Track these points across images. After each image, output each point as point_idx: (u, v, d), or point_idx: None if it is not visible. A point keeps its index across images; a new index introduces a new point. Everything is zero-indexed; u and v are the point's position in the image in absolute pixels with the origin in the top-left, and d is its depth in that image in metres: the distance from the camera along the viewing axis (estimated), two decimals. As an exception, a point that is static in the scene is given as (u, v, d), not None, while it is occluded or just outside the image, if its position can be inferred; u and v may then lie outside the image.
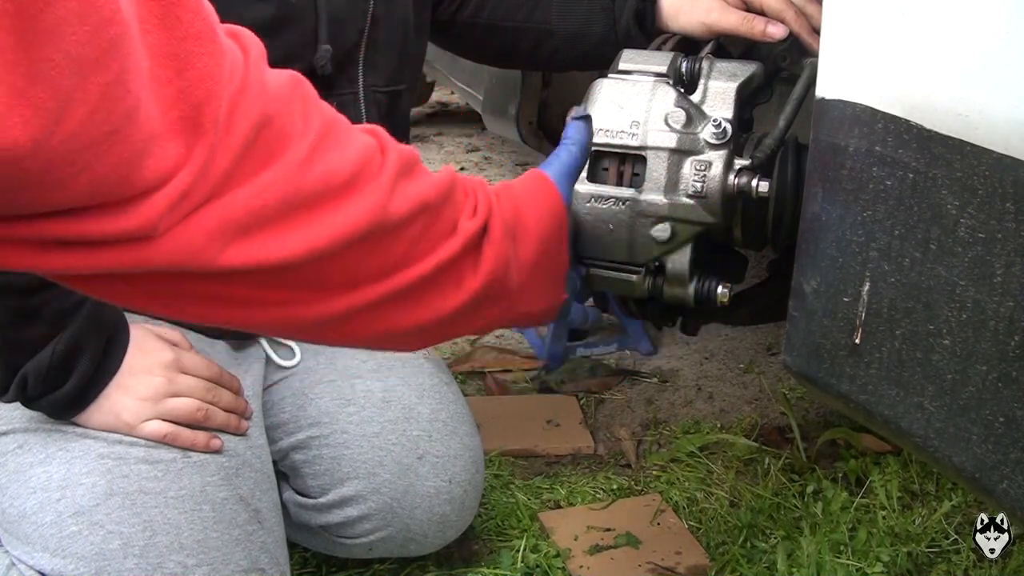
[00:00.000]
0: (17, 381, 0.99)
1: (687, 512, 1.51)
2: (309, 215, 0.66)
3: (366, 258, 0.71)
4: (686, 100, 1.01)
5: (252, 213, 0.62)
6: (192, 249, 0.60)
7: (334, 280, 0.70)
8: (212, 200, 0.59)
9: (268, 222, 0.63)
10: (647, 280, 1.05)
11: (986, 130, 0.69)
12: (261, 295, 0.67)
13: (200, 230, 0.60)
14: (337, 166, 0.68)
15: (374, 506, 1.24)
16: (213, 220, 0.60)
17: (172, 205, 0.56)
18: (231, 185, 0.60)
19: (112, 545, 1.00)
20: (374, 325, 0.75)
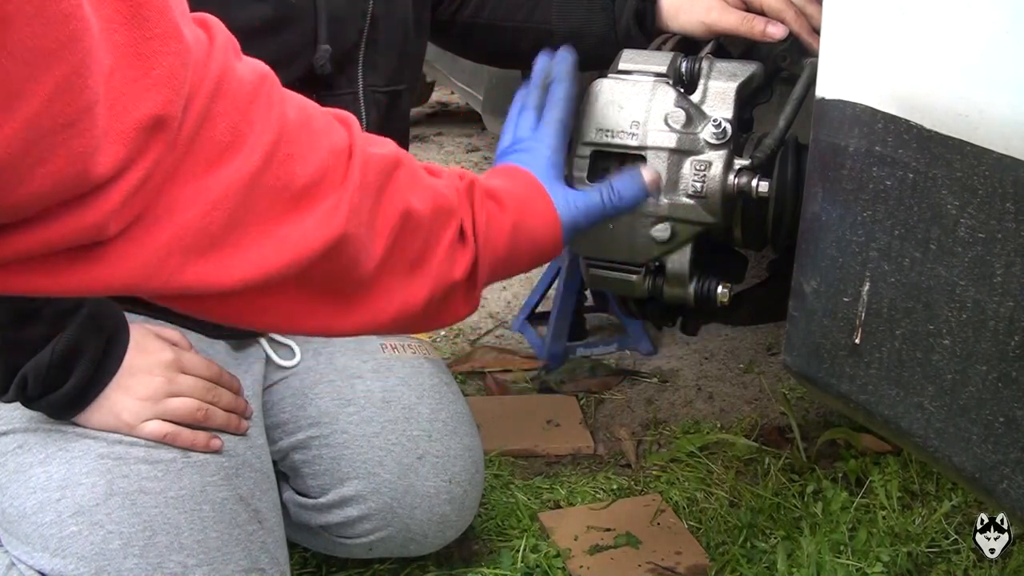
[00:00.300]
0: (17, 381, 0.99)
1: (687, 512, 1.51)
2: (262, 231, 0.65)
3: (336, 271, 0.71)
4: (686, 100, 1.01)
5: (203, 229, 0.61)
6: (146, 268, 0.60)
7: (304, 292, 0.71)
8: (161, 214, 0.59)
9: (220, 240, 0.63)
10: (647, 280, 1.05)
11: (986, 130, 0.69)
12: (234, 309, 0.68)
13: (152, 247, 0.59)
14: (292, 176, 0.66)
15: (374, 506, 1.24)
16: (164, 235, 0.60)
17: (124, 200, 0.56)
18: (179, 184, 0.59)
19: (112, 545, 1.00)
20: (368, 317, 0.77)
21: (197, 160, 0.60)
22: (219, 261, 0.64)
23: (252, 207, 0.64)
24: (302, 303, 0.72)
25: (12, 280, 0.56)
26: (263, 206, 0.65)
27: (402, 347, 1.36)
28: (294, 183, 0.67)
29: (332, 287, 0.73)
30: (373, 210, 0.73)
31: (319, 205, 0.68)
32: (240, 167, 0.63)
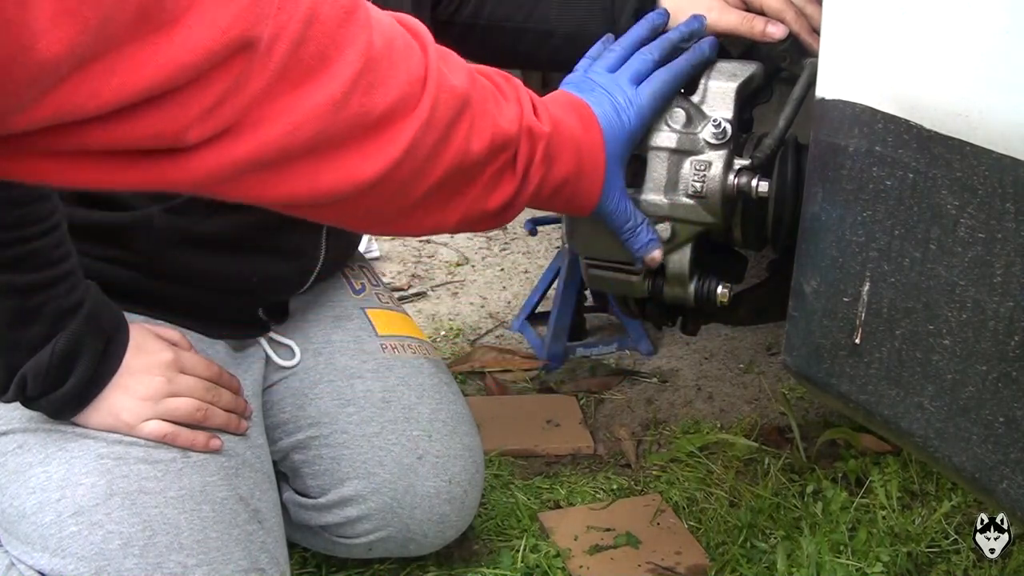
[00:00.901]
0: (17, 381, 0.99)
1: (687, 512, 1.51)
2: (336, 154, 0.67)
3: (380, 198, 0.73)
4: (686, 100, 1.01)
5: (283, 149, 0.63)
6: (219, 177, 0.62)
7: (343, 210, 0.74)
8: (245, 130, 0.61)
9: (296, 160, 0.65)
10: (647, 280, 1.05)
11: (986, 130, 0.69)
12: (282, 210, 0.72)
13: (230, 159, 0.61)
14: (373, 104, 0.68)
15: (374, 506, 1.24)
16: (244, 150, 0.61)
17: (204, 110, 0.58)
18: (263, 106, 0.61)
19: (112, 545, 1.00)
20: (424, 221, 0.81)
21: (286, 82, 0.62)
22: (289, 179, 0.66)
23: (333, 132, 0.66)
24: (340, 218, 0.77)
25: (86, 171, 0.58)
26: (342, 131, 0.66)
27: (402, 347, 1.36)
28: (373, 111, 0.68)
29: (371, 209, 0.75)
30: (433, 150, 0.74)
31: (387, 134, 0.70)
32: (326, 92, 0.64)
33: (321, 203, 0.70)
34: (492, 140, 0.80)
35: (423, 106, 0.71)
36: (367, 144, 0.69)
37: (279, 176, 0.66)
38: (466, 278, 2.49)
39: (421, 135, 0.72)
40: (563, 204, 0.92)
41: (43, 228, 0.96)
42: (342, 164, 0.68)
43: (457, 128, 0.76)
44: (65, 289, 0.99)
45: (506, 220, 0.88)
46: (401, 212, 0.77)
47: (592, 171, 0.92)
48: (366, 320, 1.37)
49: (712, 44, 1.05)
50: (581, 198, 0.92)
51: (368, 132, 0.68)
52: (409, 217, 0.79)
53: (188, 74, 0.56)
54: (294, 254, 1.23)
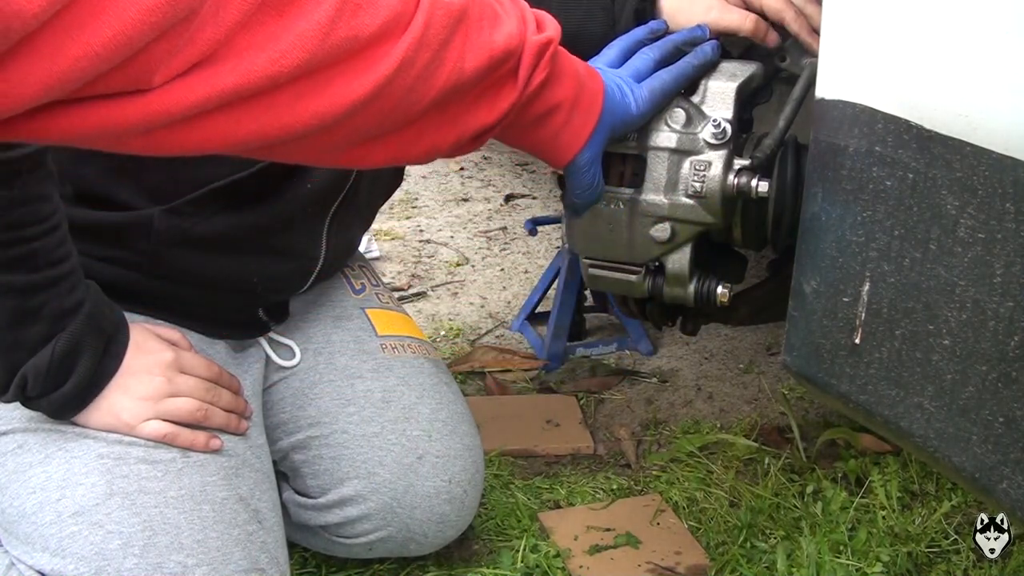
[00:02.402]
0: (17, 381, 0.99)
1: (687, 512, 1.51)
2: (325, 80, 0.64)
3: (370, 118, 0.70)
4: (686, 100, 1.01)
5: (267, 77, 0.60)
6: (189, 109, 0.58)
7: (336, 134, 0.70)
8: (226, 58, 0.58)
9: (284, 89, 0.62)
10: (647, 280, 1.05)
11: (986, 130, 0.69)
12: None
13: (209, 90, 0.58)
14: (361, 27, 0.65)
15: (374, 506, 1.24)
16: (225, 82, 0.58)
17: (170, 50, 0.55)
18: (246, 32, 0.58)
19: (112, 545, 1.00)
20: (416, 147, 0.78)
21: (265, 9, 0.59)
22: (269, 110, 0.63)
23: (320, 58, 0.63)
24: (331, 143, 0.72)
25: (47, 120, 0.54)
26: (329, 57, 0.63)
27: (402, 347, 1.36)
28: (362, 34, 0.65)
29: (361, 132, 0.72)
30: (427, 68, 0.71)
31: (376, 53, 0.67)
32: (313, 18, 0.61)
33: (304, 133, 0.66)
34: (490, 57, 0.77)
35: (416, 24, 0.68)
36: (355, 65, 0.66)
37: (257, 107, 0.62)
38: (466, 278, 2.49)
39: (413, 53, 0.69)
40: (547, 139, 0.88)
41: (44, 228, 0.96)
42: (329, 89, 0.65)
43: (451, 45, 0.73)
44: (66, 289, 0.99)
45: (500, 128, 0.84)
46: (393, 134, 0.74)
47: (587, 110, 0.89)
48: (366, 320, 1.37)
49: (715, 47, 1.05)
50: (568, 136, 0.89)
51: (357, 54, 0.65)
52: (405, 138, 0.75)
53: (156, 17, 0.53)
54: (294, 254, 1.23)
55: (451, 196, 3.12)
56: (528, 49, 0.81)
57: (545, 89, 0.84)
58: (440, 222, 2.90)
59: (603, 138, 0.93)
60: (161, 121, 0.58)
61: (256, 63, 0.59)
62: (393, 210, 2.94)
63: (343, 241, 1.31)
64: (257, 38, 0.59)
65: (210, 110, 0.59)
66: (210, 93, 0.58)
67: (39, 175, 0.96)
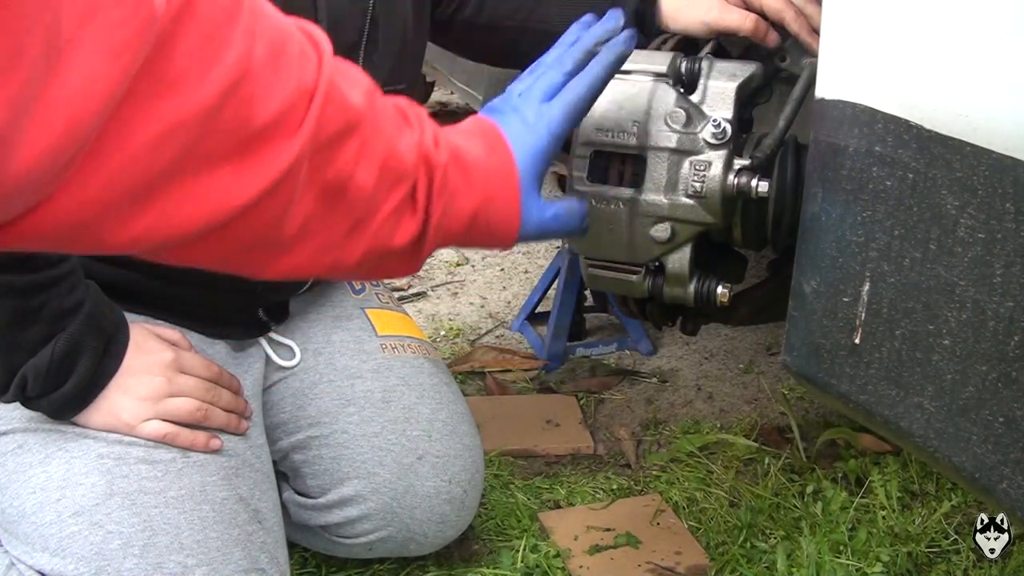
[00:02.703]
0: (17, 381, 0.99)
1: (687, 512, 1.51)
2: (208, 173, 0.59)
3: (255, 229, 0.65)
4: (686, 100, 1.01)
5: (144, 167, 0.54)
6: (81, 220, 0.53)
7: (220, 245, 0.65)
8: (97, 144, 0.51)
9: (159, 186, 0.56)
10: (647, 280, 1.05)
11: (986, 130, 0.69)
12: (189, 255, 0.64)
13: (88, 190, 0.52)
14: (250, 117, 0.60)
15: (374, 506, 1.24)
16: (98, 171, 0.52)
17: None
18: (120, 109, 0.51)
19: (112, 545, 1.00)
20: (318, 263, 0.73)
21: (149, 81, 0.52)
22: (150, 208, 0.57)
23: (204, 145, 0.57)
24: (216, 255, 0.67)
25: None
26: (214, 145, 0.58)
27: (402, 347, 1.36)
28: (252, 123, 0.60)
29: (248, 242, 0.67)
30: (312, 173, 0.67)
31: (266, 149, 0.62)
32: (198, 97, 0.55)
33: (187, 237, 0.60)
34: (383, 167, 0.73)
35: (309, 119, 0.64)
36: (244, 161, 0.60)
37: (139, 205, 0.56)
38: (466, 278, 2.49)
39: (305, 152, 0.64)
40: (483, 236, 0.85)
41: (43, 228, 0.96)
42: (214, 185, 0.59)
43: (343, 146, 0.69)
44: (65, 289, 0.99)
45: (419, 262, 0.82)
46: (284, 245, 0.69)
47: (504, 198, 0.85)
48: (366, 320, 1.37)
49: (629, 37, 0.93)
50: (499, 227, 0.86)
51: (245, 147, 0.60)
52: (297, 251, 0.70)
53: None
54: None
55: (451, 196, 3.12)
56: (423, 171, 0.77)
57: (451, 206, 0.80)
58: (440, 222, 2.89)
59: (535, 191, 0.88)
60: (53, 234, 0.53)
61: (133, 148, 0.53)
62: (393, 210, 2.94)
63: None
64: (137, 116, 0.53)
65: (99, 211, 0.54)
66: (95, 191, 0.53)
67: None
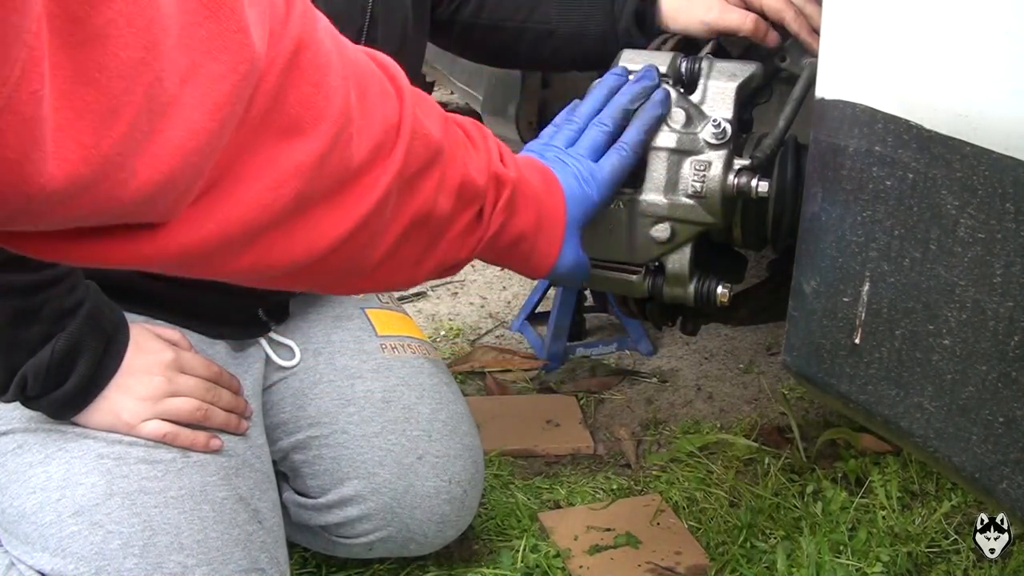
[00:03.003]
0: (17, 381, 0.99)
1: (687, 512, 1.51)
2: (314, 212, 0.63)
3: (342, 260, 0.68)
4: (686, 100, 1.01)
5: (265, 208, 0.58)
6: (199, 249, 0.56)
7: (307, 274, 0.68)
8: (225, 184, 0.55)
9: (275, 222, 0.60)
10: (647, 280, 1.05)
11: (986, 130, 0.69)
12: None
13: (212, 224, 0.56)
14: (351, 156, 0.63)
15: (374, 506, 1.24)
16: (226, 213, 0.56)
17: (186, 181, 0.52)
18: (243, 158, 0.55)
19: (112, 545, 1.00)
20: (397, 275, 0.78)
21: (268, 132, 0.57)
22: (264, 244, 0.60)
23: (314, 189, 0.61)
24: (309, 281, 0.71)
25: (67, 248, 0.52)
26: (322, 188, 0.62)
27: (402, 347, 1.36)
28: (352, 164, 0.64)
29: (338, 273, 0.71)
30: (398, 203, 0.70)
31: (362, 185, 0.65)
32: (311, 146, 0.59)
33: (286, 271, 0.64)
34: (460, 191, 0.77)
35: (396, 154, 0.68)
36: (342, 199, 0.64)
37: (256, 243, 0.60)
38: (466, 278, 2.49)
39: (393, 185, 0.68)
40: (520, 261, 0.91)
41: (43, 228, 0.96)
42: (315, 223, 0.63)
43: (427, 177, 0.72)
44: (65, 289, 0.99)
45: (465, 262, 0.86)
46: (368, 271, 0.73)
47: (551, 230, 0.90)
48: (366, 320, 1.37)
49: (663, 98, 0.99)
50: (538, 256, 0.91)
51: (342, 187, 0.64)
52: (379, 274, 0.74)
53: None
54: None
55: (451, 196, 3.12)
56: (491, 187, 0.82)
57: (507, 224, 0.85)
58: (440, 222, 2.89)
59: (576, 238, 0.93)
60: (177, 259, 0.56)
61: (254, 190, 0.57)
62: (393, 210, 2.94)
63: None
64: (258, 163, 0.57)
65: (211, 248, 0.57)
66: (216, 228, 0.56)
67: (39, 175, 0.96)
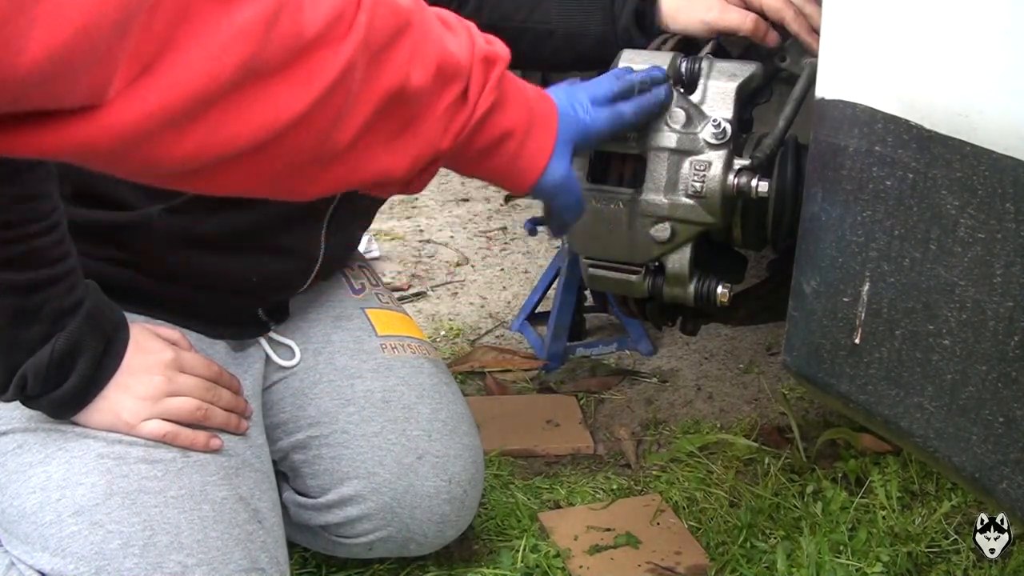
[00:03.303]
0: (17, 380, 0.99)
1: (687, 512, 1.51)
2: (265, 86, 0.58)
3: (305, 141, 0.63)
4: (686, 100, 1.01)
5: (209, 80, 0.54)
6: (140, 130, 0.52)
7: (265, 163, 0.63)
8: (163, 58, 0.51)
9: (219, 95, 0.56)
10: (647, 280, 1.05)
11: (986, 130, 0.69)
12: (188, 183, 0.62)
13: (150, 101, 0.52)
14: (302, 26, 0.59)
15: (374, 506, 1.24)
16: (166, 89, 0.52)
17: (126, 50, 0.49)
18: (182, 27, 0.51)
19: (112, 545, 1.00)
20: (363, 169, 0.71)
21: (203, 4, 0.53)
22: (210, 124, 0.56)
23: (262, 58, 0.57)
24: (267, 172, 0.65)
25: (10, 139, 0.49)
26: (271, 57, 0.58)
27: (402, 347, 1.36)
28: (306, 32, 0.60)
29: (297, 158, 0.65)
30: (365, 78, 0.66)
31: (318, 57, 0.61)
32: (252, 8, 0.56)
33: (239, 152, 0.59)
34: (439, 67, 0.71)
35: (358, 25, 0.63)
36: (297, 71, 0.60)
37: (193, 121, 0.55)
38: (466, 278, 2.49)
39: (357, 57, 0.63)
40: (505, 163, 0.84)
41: (44, 226, 0.96)
42: (266, 98, 0.59)
43: (396, 49, 0.67)
44: (65, 288, 0.99)
45: (451, 154, 0.79)
46: (337, 156, 0.67)
47: (542, 133, 0.85)
48: (366, 320, 1.37)
49: (668, 89, 1.00)
50: (526, 159, 0.85)
51: (298, 57, 0.59)
52: (350, 160, 0.69)
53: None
54: (293, 253, 1.23)
55: (451, 196, 3.12)
56: (478, 68, 0.77)
57: (494, 114, 0.80)
58: (440, 222, 2.89)
59: (567, 155, 0.89)
60: (116, 142, 0.53)
61: (195, 58, 0.53)
62: (393, 210, 2.94)
63: (342, 240, 1.31)
64: (196, 30, 0.53)
65: (154, 125, 0.54)
66: (158, 101, 0.53)
67: (39, 173, 0.96)
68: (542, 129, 0.86)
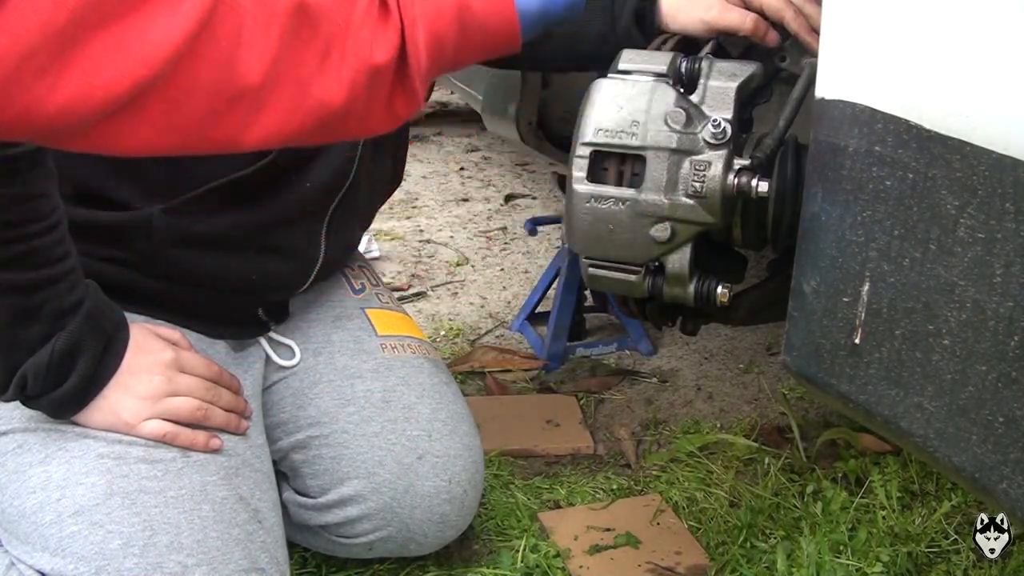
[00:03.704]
0: (17, 380, 0.99)
1: (687, 512, 1.51)
2: (133, 19, 0.53)
3: (206, 79, 0.57)
4: (686, 100, 1.01)
5: (56, 8, 0.49)
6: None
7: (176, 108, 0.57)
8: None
9: (88, 29, 0.51)
10: (647, 280, 1.05)
11: (986, 130, 0.69)
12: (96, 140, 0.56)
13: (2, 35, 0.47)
14: None
15: (374, 506, 1.24)
16: (8, 26, 0.47)
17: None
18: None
19: (112, 545, 1.00)
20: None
21: None
22: (84, 65, 0.51)
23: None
24: (179, 123, 0.59)
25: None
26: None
27: (402, 347, 1.36)
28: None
29: (203, 100, 0.59)
30: (259, 2, 0.61)
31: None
32: None
33: (125, 97, 0.54)
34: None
35: None
36: (162, 3, 0.55)
37: (60, 61, 0.50)
38: (466, 278, 2.49)
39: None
40: (479, 36, 0.77)
41: (44, 226, 0.96)
42: (136, 32, 0.53)
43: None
44: (65, 288, 0.99)
45: (414, 88, 0.71)
46: (252, 95, 0.61)
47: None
48: (366, 320, 1.37)
49: None
50: (492, 17, 0.78)
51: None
52: (273, 102, 0.62)
53: None
54: (293, 253, 1.23)
55: (451, 196, 3.12)
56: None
57: (429, 3, 0.72)
58: (440, 222, 2.90)
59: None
60: None
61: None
62: (393, 210, 2.95)
63: (342, 240, 1.31)
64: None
65: (15, 65, 0.49)
66: (5, 42, 0.48)
67: (39, 173, 0.96)
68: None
